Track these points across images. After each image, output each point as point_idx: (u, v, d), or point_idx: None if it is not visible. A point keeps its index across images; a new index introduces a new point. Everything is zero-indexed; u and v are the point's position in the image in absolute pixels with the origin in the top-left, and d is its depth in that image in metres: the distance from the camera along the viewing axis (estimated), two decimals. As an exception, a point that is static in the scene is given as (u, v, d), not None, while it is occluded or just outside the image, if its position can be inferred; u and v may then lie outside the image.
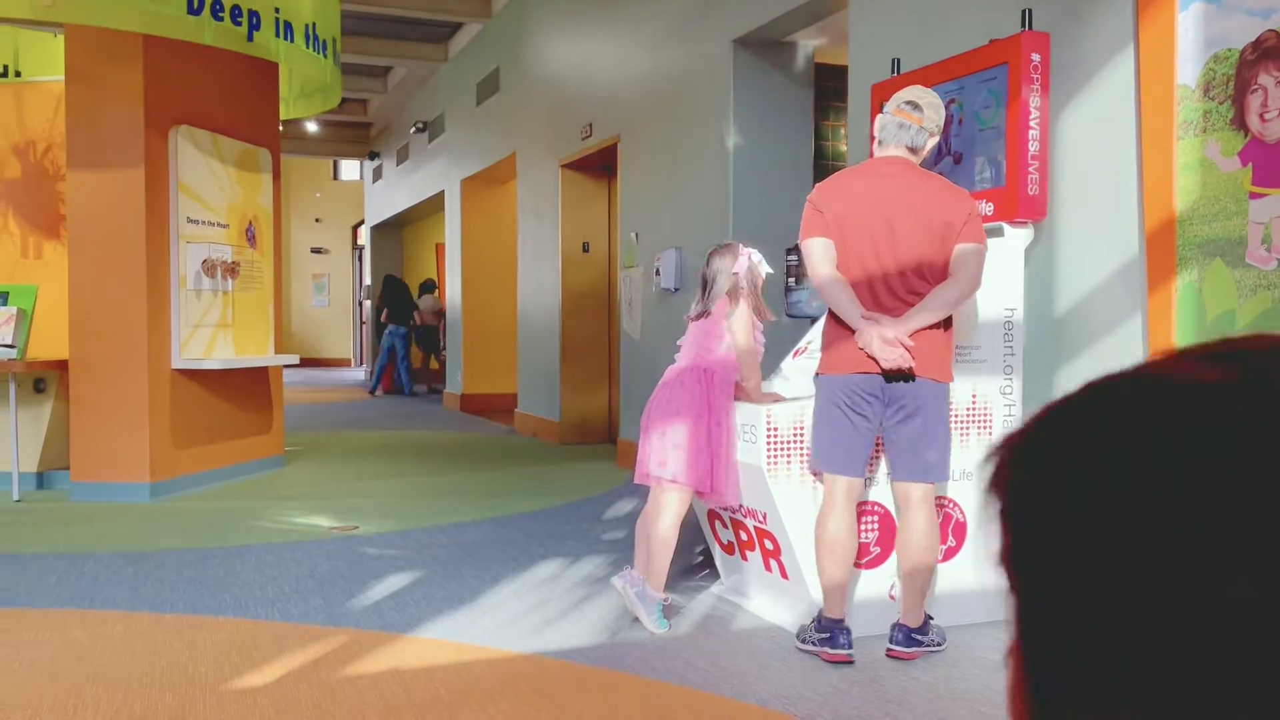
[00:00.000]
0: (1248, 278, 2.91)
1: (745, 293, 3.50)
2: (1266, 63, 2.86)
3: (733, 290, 3.49)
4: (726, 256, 3.53)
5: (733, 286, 3.49)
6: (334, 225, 21.31)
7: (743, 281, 3.49)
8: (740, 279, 3.49)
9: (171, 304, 6.06)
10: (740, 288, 3.49)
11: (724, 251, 3.55)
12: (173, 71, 6.07)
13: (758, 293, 3.54)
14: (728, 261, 3.51)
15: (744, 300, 3.49)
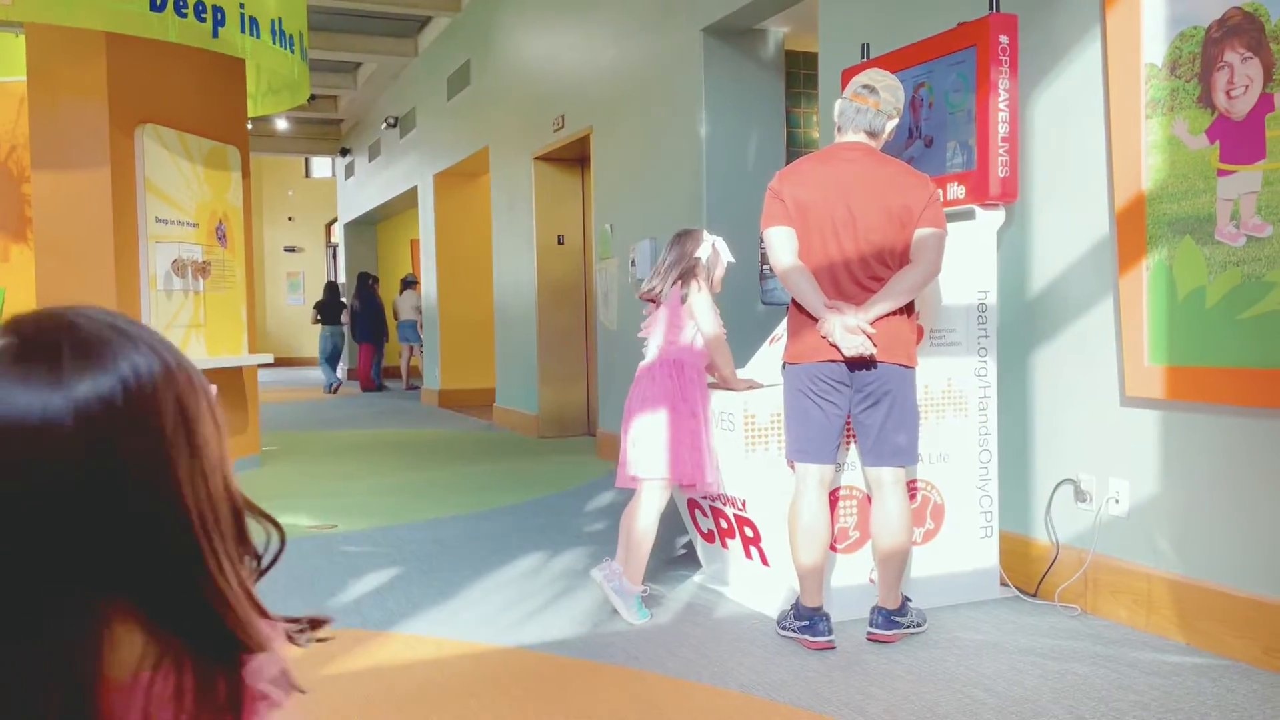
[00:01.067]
0: (1217, 254, 2.93)
1: (704, 277, 3.48)
2: (1232, 40, 2.87)
3: (689, 272, 3.47)
4: (689, 241, 3.52)
5: (690, 269, 3.47)
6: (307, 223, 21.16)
7: (702, 267, 3.49)
8: (701, 263, 3.49)
9: (142, 305, 5.98)
10: (698, 273, 3.48)
11: (688, 236, 3.54)
12: (137, 69, 5.99)
13: (716, 279, 3.53)
14: (690, 245, 3.50)
15: (702, 283, 3.48)
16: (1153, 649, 3.06)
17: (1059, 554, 3.53)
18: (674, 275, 3.49)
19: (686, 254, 3.49)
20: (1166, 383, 3.10)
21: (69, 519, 0.64)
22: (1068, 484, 3.52)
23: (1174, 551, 3.16)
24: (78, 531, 0.65)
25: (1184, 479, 3.12)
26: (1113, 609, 3.33)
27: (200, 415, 0.73)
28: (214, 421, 0.75)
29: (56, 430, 0.64)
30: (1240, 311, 2.87)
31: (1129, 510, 3.30)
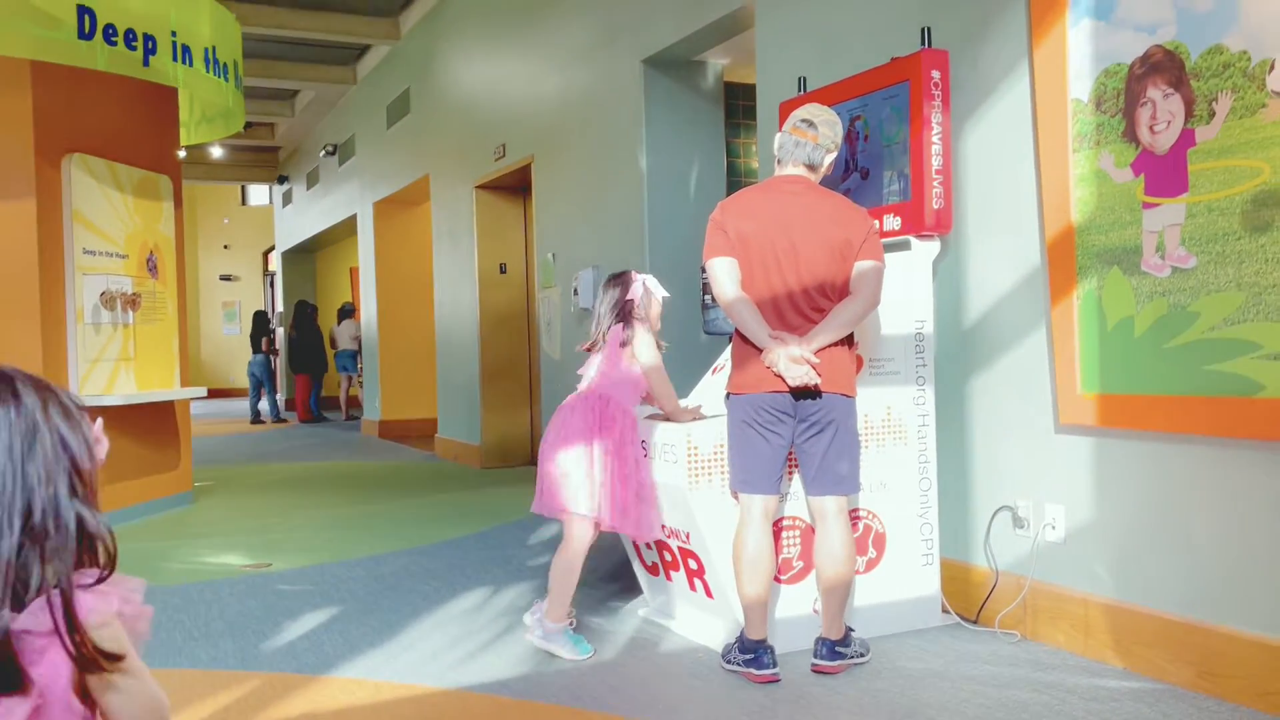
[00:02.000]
0: (1144, 285, 3.00)
1: (640, 319, 3.49)
2: (1154, 77, 2.96)
3: (627, 316, 3.48)
4: (617, 286, 3.52)
5: (626, 315, 3.48)
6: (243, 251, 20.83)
7: (637, 308, 3.49)
8: (636, 305, 3.49)
9: (68, 339, 5.82)
10: (636, 314, 3.48)
11: (618, 281, 3.54)
12: (64, 98, 5.85)
13: (653, 318, 3.54)
14: (619, 291, 3.50)
15: (640, 326, 3.48)
16: (1090, 674, 3.10)
17: (998, 580, 3.56)
18: (610, 320, 3.49)
19: (620, 299, 3.49)
20: (1098, 410, 3.16)
21: None
22: (1005, 511, 3.56)
23: (1109, 576, 3.21)
24: None
25: (1117, 505, 3.18)
26: (1051, 634, 3.37)
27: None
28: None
29: None
30: (1167, 340, 2.94)
31: (1065, 536, 3.34)
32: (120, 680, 1.10)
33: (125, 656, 1.11)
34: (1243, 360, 2.74)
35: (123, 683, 1.11)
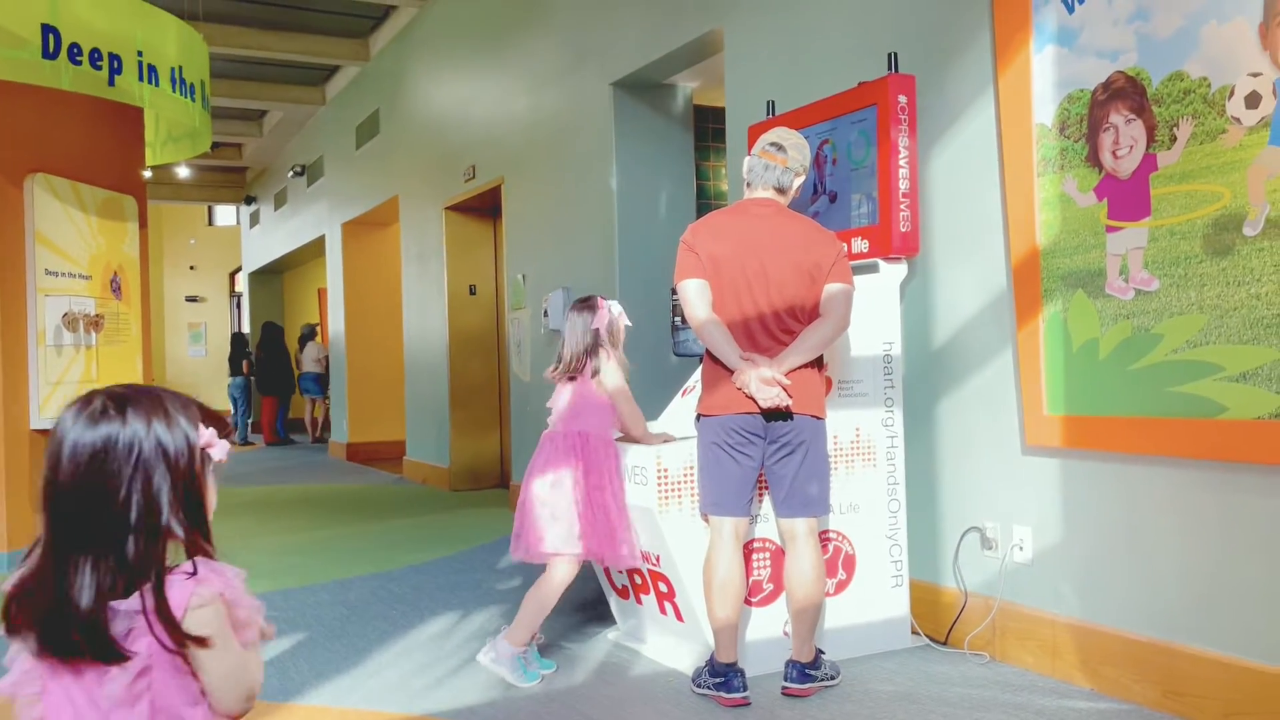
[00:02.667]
0: (1109, 307, 3.04)
1: (608, 346, 3.48)
2: (1116, 102, 3.00)
3: (594, 346, 3.47)
4: (586, 312, 3.51)
5: (594, 342, 3.47)
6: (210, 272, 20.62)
7: (604, 336, 3.48)
8: (602, 333, 3.48)
9: (29, 361, 5.72)
10: (602, 343, 3.47)
11: (583, 307, 3.53)
12: (27, 117, 5.78)
13: (618, 346, 3.53)
14: (588, 317, 3.49)
15: (606, 352, 3.47)
16: (1058, 695, 3.11)
17: (967, 602, 3.57)
18: (580, 351, 3.47)
19: (588, 328, 3.48)
20: (1064, 432, 3.19)
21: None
22: (974, 532, 3.58)
23: (1076, 597, 3.23)
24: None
25: (1083, 525, 3.20)
26: (1020, 655, 3.38)
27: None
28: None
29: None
30: (1131, 362, 2.97)
31: (1033, 557, 3.36)
32: (207, 654, 1.27)
33: (212, 635, 1.27)
34: (1205, 382, 2.77)
35: (210, 658, 1.27)
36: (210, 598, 1.28)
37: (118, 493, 1.25)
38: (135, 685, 1.26)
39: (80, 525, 1.25)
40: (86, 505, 1.25)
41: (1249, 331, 2.67)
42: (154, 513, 1.26)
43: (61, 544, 1.25)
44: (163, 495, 1.27)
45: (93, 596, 1.23)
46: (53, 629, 1.24)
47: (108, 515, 1.25)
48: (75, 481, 1.25)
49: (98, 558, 1.24)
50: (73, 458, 1.25)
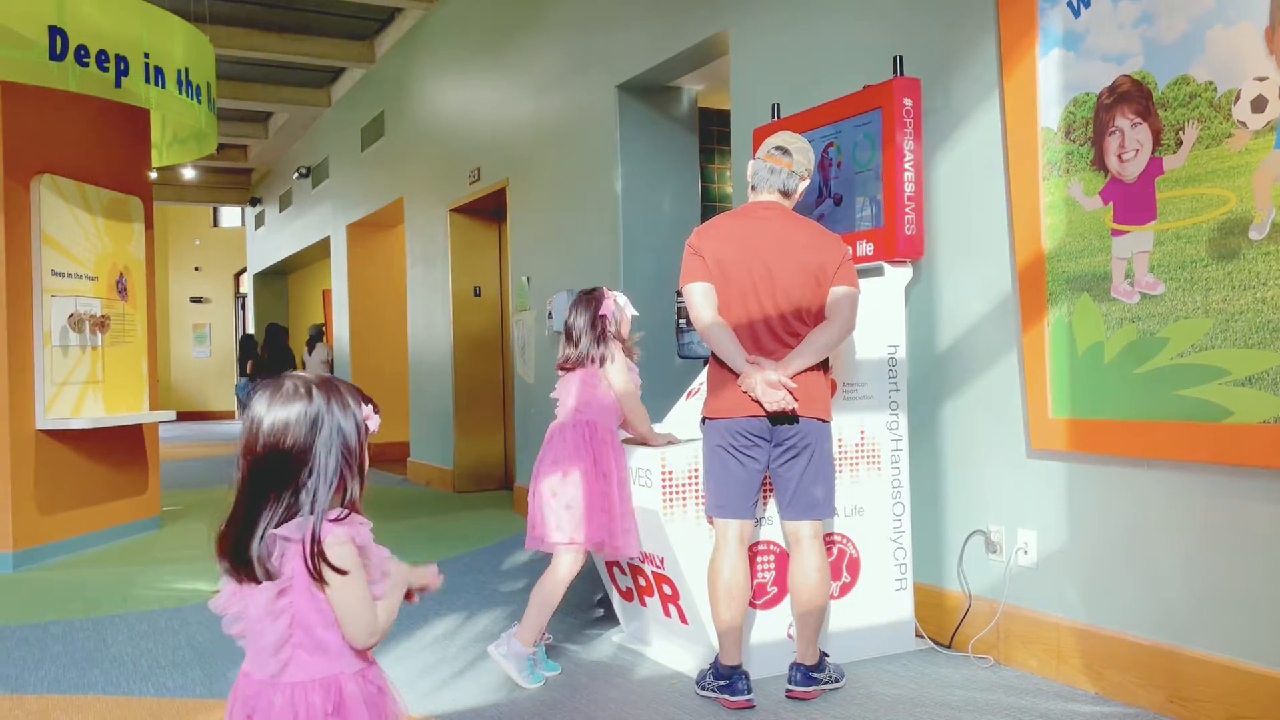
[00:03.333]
0: (1114, 311, 3.04)
1: (614, 337, 3.48)
2: (1122, 106, 3.00)
3: (601, 335, 3.47)
4: (592, 303, 3.51)
5: (600, 332, 3.47)
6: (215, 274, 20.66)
7: (610, 326, 3.48)
8: (608, 323, 3.48)
9: (35, 361, 5.74)
10: (608, 333, 3.48)
11: (589, 299, 3.53)
12: (35, 119, 5.80)
13: (624, 335, 3.53)
14: (594, 308, 3.50)
15: (614, 345, 3.47)
16: (1063, 699, 3.11)
17: (971, 605, 3.57)
18: (589, 339, 3.48)
19: (595, 318, 3.48)
20: (1069, 435, 3.18)
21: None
22: (978, 535, 3.58)
23: (1081, 601, 3.23)
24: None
25: (1088, 529, 3.20)
26: (1024, 659, 3.38)
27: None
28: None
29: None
30: (1136, 366, 2.97)
31: (1037, 561, 3.36)
32: (339, 584, 1.58)
33: (349, 571, 1.59)
34: (1211, 386, 2.77)
35: (341, 588, 1.58)
36: (347, 538, 1.60)
37: (307, 452, 1.60)
38: (278, 601, 1.59)
39: (273, 477, 1.60)
40: (281, 462, 1.60)
41: (1255, 335, 2.67)
42: (331, 469, 1.61)
43: (256, 491, 1.60)
44: (338, 456, 1.62)
45: (268, 529, 1.58)
46: (238, 554, 1.59)
47: (297, 470, 1.60)
48: (274, 443, 1.59)
49: (281, 502, 1.59)
50: (273, 425, 1.60)
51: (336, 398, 1.65)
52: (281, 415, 1.61)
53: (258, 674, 1.63)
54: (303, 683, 1.61)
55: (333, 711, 1.61)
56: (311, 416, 1.61)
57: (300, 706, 1.60)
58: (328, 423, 1.62)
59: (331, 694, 1.62)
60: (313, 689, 1.61)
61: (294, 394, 1.62)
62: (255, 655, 1.64)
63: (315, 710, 1.60)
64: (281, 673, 1.61)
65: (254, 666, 1.64)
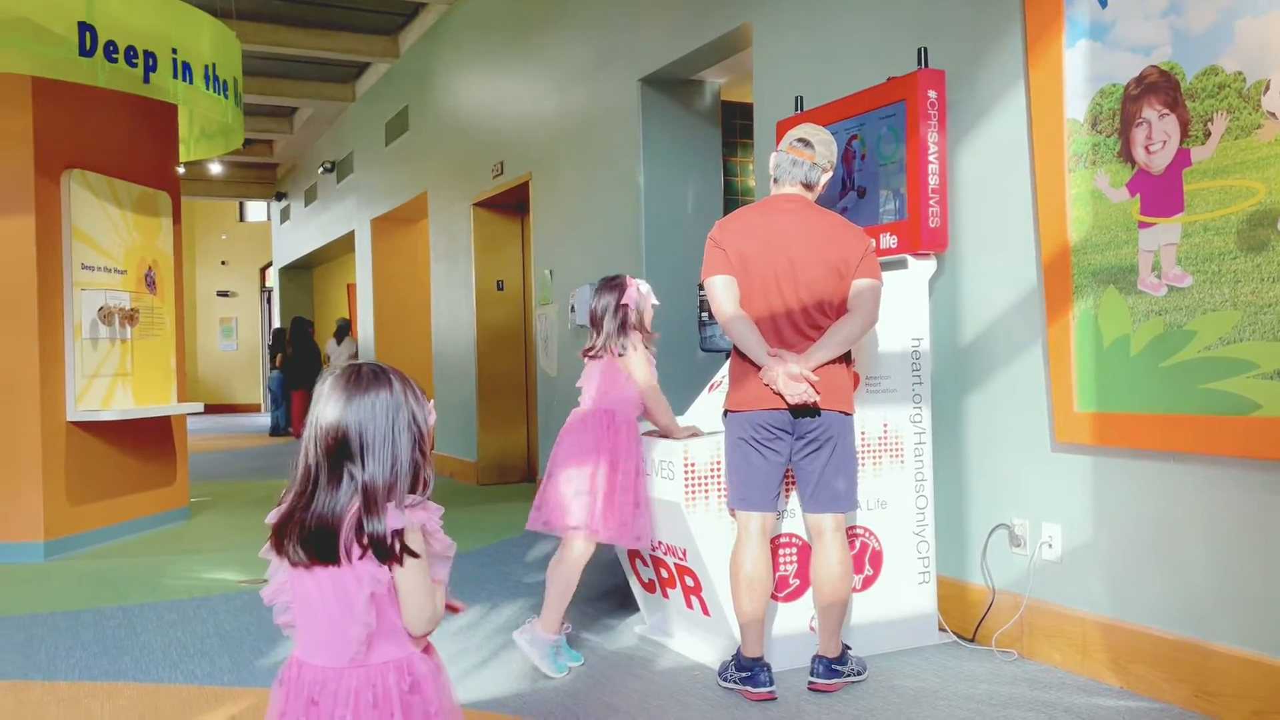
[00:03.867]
0: (1140, 304, 3.02)
1: (635, 325, 3.50)
2: (1150, 97, 2.98)
3: (624, 324, 3.48)
4: (615, 290, 3.53)
5: (623, 320, 3.49)
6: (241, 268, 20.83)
7: (632, 314, 3.50)
8: (630, 311, 3.50)
9: (66, 354, 5.82)
10: (630, 321, 3.49)
11: (612, 285, 3.55)
12: (64, 115, 5.87)
13: (647, 323, 3.55)
14: (616, 295, 3.51)
15: (636, 335, 3.49)
16: (1088, 693, 3.09)
17: (995, 598, 3.56)
18: (612, 328, 3.49)
19: (618, 305, 3.50)
20: (1095, 429, 3.17)
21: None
22: (1002, 529, 3.56)
23: (1106, 595, 3.21)
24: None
25: (1114, 523, 3.18)
26: (1048, 653, 3.37)
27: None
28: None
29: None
30: (1163, 359, 2.95)
31: (1062, 554, 3.35)
32: (410, 569, 1.61)
33: (420, 555, 1.62)
34: (1239, 379, 2.75)
35: (410, 574, 1.61)
36: (417, 524, 1.62)
37: (381, 435, 1.61)
38: (363, 588, 1.60)
39: (356, 460, 1.61)
40: (358, 445, 1.61)
41: (1283, 328, 2.64)
42: (405, 454, 1.63)
43: (333, 476, 1.61)
44: (411, 441, 1.64)
45: (351, 512, 1.59)
46: (321, 540, 1.60)
47: (372, 453, 1.60)
48: (358, 429, 1.61)
49: (359, 485, 1.60)
50: (358, 412, 1.61)
51: (411, 388, 1.68)
52: (367, 401, 1.61)
53: (326, 661, 1.63)
54: (379, 665, 1.62)
55: (409, 689, 1.63)
56: (396, 404, 1.63)
57: (378, 688, 1.61)
58: (406, 410, 1.64)
59: (405, 674, 1.63)
60: (388, 670, 1.62)
61: (376, 381, 1.64)
62: (319, 642, 1.63)
63: (393, 691, 1.61)
64: (361, 657, 1.61)
65: (316, 654, 1.64)
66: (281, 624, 1.69)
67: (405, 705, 1.62)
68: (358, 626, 1.59)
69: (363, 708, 1.60)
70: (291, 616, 1.67)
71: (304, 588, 1.64)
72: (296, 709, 1.63)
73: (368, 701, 1.60)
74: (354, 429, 1.60)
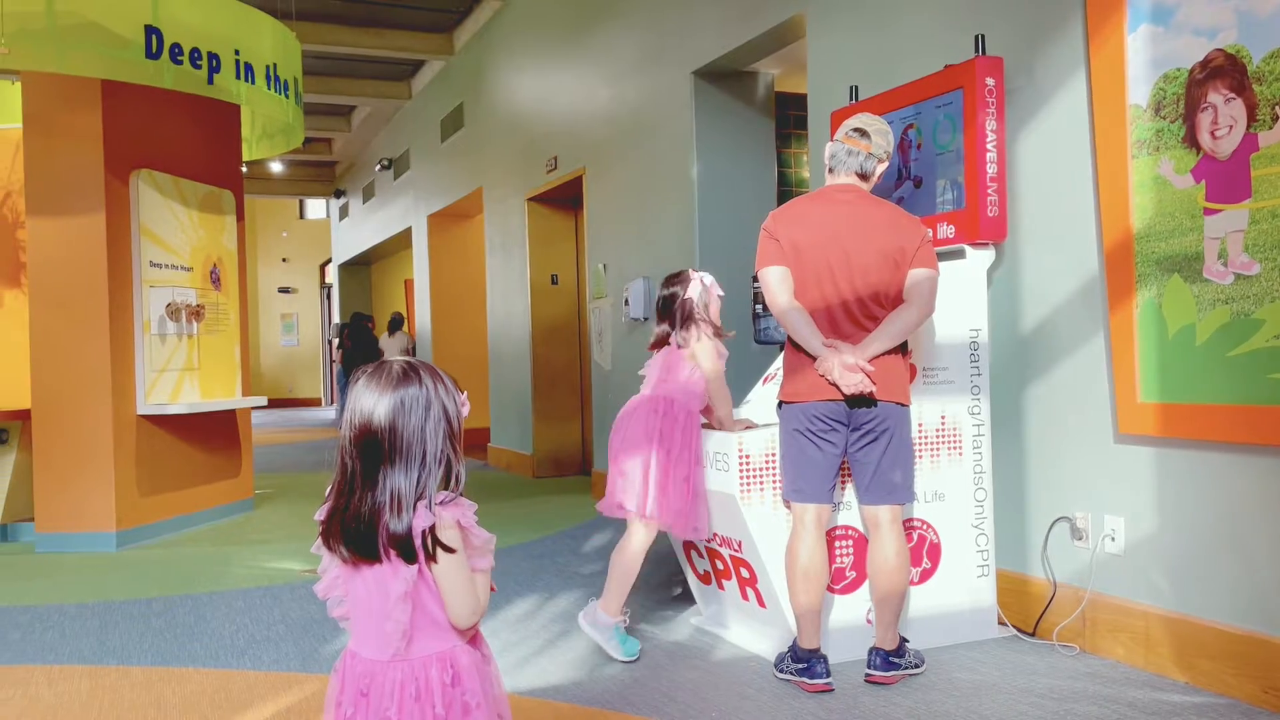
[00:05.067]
0: (1206, 293, 2.95)
1: (702, 318, 3.51)
2: (1215, 81, 2.91)
3: (689, 317, 3.50)
4: (679, 284, 3.54)
5: (688, 313, 3.50)
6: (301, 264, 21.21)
7: (697, 307, 3.51)
8: (695, 304, 3.51)
9: (135, 349, 5.99)
10: (696, 313, 3.50)
11: (677, 279, 3.57)
12: (132, 115, 6.03)
13: (714, 315, 3.56)
14: (681, 289, 3.53)
15: (702, 327, 3.50)
16: (1152, 688, 3.04)
17: (1056, 592, 3.51)
18: (676, 321, 3.51)
19: (679, 299, 3.52)
20: (1159, 420, 3.11)
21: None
22: (1063, 522, 3.52)
23: (1171, 589, 3.15)
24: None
25: (1179, 516, 3.12)
26: (1111, 648, 3.32)
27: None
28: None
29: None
30: (1230, 349, 2.89)
31: (1125, 548, 3.29)
32: (447, 563, 1.62)
33: (457, 550, 1.63)
34: (1309, 368, 2.68)
35: (447, 568, 1.63)
36: (452, 521, 1.63)
37: (409, 432, 1.62)
38: (402, 583, 1.62)
39: (385, 458, 1.62)
40: (387, 443, 1.62)
41: (1357, 316, 2.57)
42: (437, 449, 1.64)
43: (369, 474, 1.63)
44: (443, 437, 1.65)
45: (388, 510, 1.61)
46: (362, 538, 1.62)
47: (401, 450, 1.62)
48: (389, 426, 1.62)
49: (396, 482, 1.62)
50: (389, 408, 1.62)
51: (441, 381, 1.68)
52: (394, 398, 1.62)
53: (372, 654, 1.66)
54: (421, 658, 1.65)
55: (450, 683, 1.65)
56: (425, 400, 1.64)
57: (420, 680, 1.64)
58: (436, 405, 1.65)
59: (448, 666, 1.66)
60: (430, 663, 1.65)
61: (402, 377, 1.64)
62: (367, 636, 1.66)
63: (434, 683, 1.64)
64: (402, 652, 1.64)
65: (365, 646, 1.67)
66: (337, 616, 1.73)
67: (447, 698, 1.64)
68: (391, 623, 1.62)
69: (406, 701, 1.63)
70: (346, 609, 1.71)
71: (353, 582, 1.67)
72: (349, 699, 1.67)
73: (410, 695, 1.63)
74: (384, 427, 1.62)
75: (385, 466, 1.62)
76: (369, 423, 1.62)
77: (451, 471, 1.67)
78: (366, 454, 1.63)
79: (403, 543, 1.60)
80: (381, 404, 1.62)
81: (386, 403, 1.62)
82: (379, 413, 1.62)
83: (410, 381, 1.64)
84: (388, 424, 1.62)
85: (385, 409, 1.62)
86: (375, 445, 1.62)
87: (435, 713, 1.63)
